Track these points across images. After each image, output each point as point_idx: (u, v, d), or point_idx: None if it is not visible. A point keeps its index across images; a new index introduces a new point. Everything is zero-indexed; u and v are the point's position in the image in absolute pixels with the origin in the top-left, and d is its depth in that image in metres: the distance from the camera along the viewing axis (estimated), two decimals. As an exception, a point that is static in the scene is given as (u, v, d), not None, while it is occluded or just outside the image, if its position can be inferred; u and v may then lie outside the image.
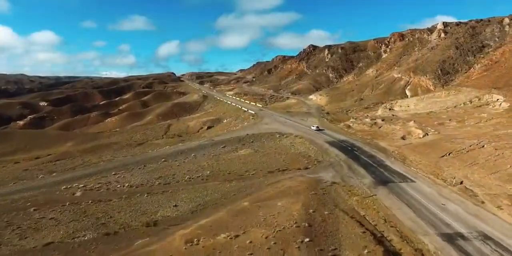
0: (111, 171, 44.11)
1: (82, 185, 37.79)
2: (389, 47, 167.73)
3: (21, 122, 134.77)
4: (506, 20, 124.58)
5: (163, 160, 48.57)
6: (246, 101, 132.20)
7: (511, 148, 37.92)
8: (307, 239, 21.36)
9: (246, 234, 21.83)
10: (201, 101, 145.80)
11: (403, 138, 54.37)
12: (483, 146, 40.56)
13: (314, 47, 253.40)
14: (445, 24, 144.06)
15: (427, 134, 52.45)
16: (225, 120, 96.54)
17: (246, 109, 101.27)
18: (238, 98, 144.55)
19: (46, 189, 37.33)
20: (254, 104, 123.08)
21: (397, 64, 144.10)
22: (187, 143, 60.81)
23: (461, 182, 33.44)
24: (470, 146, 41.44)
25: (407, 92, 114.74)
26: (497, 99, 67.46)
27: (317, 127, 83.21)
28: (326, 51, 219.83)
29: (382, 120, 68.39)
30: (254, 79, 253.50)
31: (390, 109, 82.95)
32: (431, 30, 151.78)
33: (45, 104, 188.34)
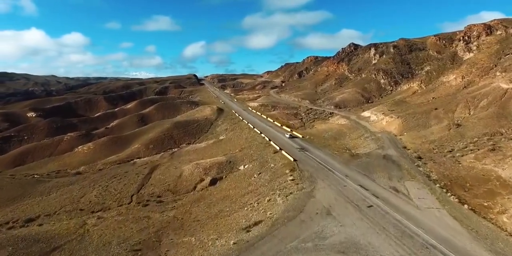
0: None
1: None
2: (474, 44, 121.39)
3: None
4: None
5: None
6: (275, 123, 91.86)
7: None
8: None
9: None
10: (213, 119, 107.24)
11: None
12: None
13: (356, 46, 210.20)
14: None
15: None
16: (242, 167, 56.95)
17: (278, 147, 60.77)
18: (265, 116, 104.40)
19: None
20: (288, 129, 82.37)
21: (498, 68, 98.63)
22: None
23: None
24: None
25: (539, 116, 70.11)
26: None
27: (290, 135, 69.77)
28: (373, 51, 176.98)
29: None
30: (283, 85, 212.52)
31: None
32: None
33: (34, 115, 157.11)
